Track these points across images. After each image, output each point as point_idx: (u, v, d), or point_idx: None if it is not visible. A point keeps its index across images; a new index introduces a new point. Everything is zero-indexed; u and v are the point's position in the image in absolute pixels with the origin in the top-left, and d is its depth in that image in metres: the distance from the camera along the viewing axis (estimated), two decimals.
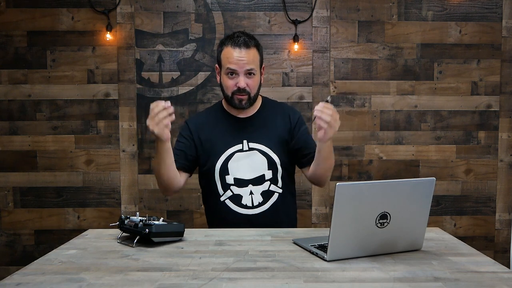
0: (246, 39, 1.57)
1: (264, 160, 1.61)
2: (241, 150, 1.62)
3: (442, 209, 2.66)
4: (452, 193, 2.66)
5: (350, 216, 1.15)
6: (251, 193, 1.61)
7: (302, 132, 1.68)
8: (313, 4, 2.57)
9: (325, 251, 1.18)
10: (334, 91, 2.61)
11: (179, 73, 2.59)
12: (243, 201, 1.61)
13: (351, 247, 1.18)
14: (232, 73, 1.57)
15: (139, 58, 2.58)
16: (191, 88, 2.59)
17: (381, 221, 1.18)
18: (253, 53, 1.57)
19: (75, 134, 2.60)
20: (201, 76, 2.58)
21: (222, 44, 1.61)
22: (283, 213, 1.67)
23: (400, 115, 2.63)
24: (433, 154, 2.65)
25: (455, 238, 1.43)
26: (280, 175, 1.65)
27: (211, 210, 1.71)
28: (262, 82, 1.67)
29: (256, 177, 1.61)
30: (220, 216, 1.65)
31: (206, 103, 2.58)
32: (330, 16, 2.59)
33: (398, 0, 2.59)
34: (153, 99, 2.58)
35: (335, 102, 2.61)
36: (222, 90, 1.63)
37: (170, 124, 1.41)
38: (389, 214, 1.18)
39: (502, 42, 2.62)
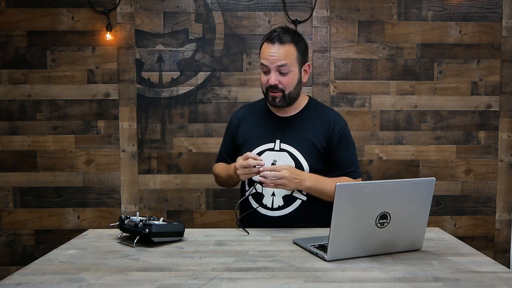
0: (281, 35, 1.54)
1: (292, 163, 1.56)
2: (272, 149, 1.59)
3: (442, 209, 2.66)
4: (452, 193, 2.66)
5: (350, 216, 1.15)
6: (273, 194, 1.58)
7: (340, 148, 1.62)
8: (313, 4, 2.57)
9: (325, 251, 1.18)
10: (334, 91, 2.61)
11: (179, 73, 2.59)
12: (264, 201, 1.59)
13: (351, 247, 1.19)
14: (266, 69, 1.56)
15: (139, 58, 2.58)
16: (191, 88, 2.59)
17: (381, 221, 1.18)
18: (287, 48, 1.53)
19: (75, 134, 2.60)
20: (201, 76, 2.58)
21: (262, 40, 1.60)
22: (306, 221, 1.59)
23: (400, 115, 2.63)
24: (433, 154, 2.65)
25: (455, 238, 1.43)
26: None
27: (241, 204, 1.68)
28: (304, 81, 1.63)
29: None
30: (244, 211, 1.63)
31: (206, 103, 2.58)
32: (330, 16, 2.59)
33: (398, 0, 2.59)
34: (153, 99, 2.59)
35: (335, 102, 2.62)
36: (260, 85, 1.64)
37: None
38: (389, 214, 1.18)
39: (502, 42, 2.62)
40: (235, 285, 1.01)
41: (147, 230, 1.29)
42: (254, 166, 1.45)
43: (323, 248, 1.23)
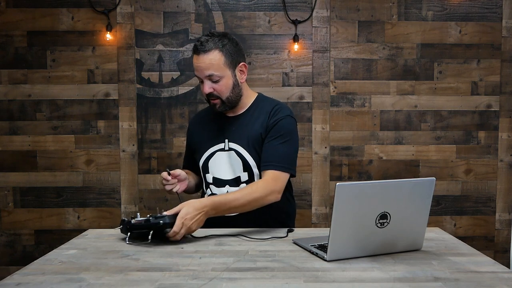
0: (204, 43, 1.50)
1: (239, 162, 1.57)
2: (223, 150, 1.60)
3: (442, 209, 2.66)
4: (452, 193, 2.66)
5: (350, 216, 1.15)
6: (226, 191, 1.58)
7: (269, 136, 1.56)
8: (313, 4, 2.57)
9: (325, 251, 1.18)
10: (334, 91, 2.61)
11: (179, 73, 2.59)
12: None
13: (351, 247, 1.18)
14: (200, 79, 1.56)
15: (139, 58, 2.58)
16: (191, 88, 2.59)
17: (381, 221, 1.18)
18: (212, 57, 1.50)
19: (75, 134, 2.60)
20: None
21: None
22: (266, 216, 1.57)
23: (400, 115, 2.63)
24: (433, 154, 2.65)
25: (455, 238, 1.43)
26: (257, 178, 1.58)
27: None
28: (242, 81, 1.59)
29: (233, 178, 1.58)
30: None
31: (206, 103, 2.55)
32: (330, 16, 2.59)
33: (398, 0, 2.59)
34: (153, 99, 2.59)
35: (334, 102, 2.61)
36: None
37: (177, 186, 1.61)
38: (389, 214, 1.18)
39: (502, 42, 2.62)
40: (235, 285, 1.01)
41: (161, 221, 1.28)
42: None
43: (323, 248, 1.23)
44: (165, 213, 1.32)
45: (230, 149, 1.59)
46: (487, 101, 2.64)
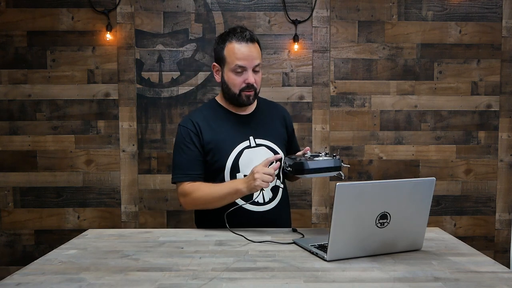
0: (251, 34, 1.56)
1: (272, 156, 1.59)
2: (249, 147, 1.60)
3: (442, 209, 2.66)
4: (452, 193, 2.66)
5: (350, 216, 1.15)
6: (262, 189, 1.53)
7: (293, 135, 1.81)
8: (313, 4, 2.57)
9: (325, 251, 1.18)
10: (334, 91, 2.61)
11: (179, 73, 2.59)
12: (254, 197, 1.55)
13: (351, 247, 1.19)
14: (242, 69, 1.53)
15: (139, 58, 2.58)
16: (191, 88, 2.59)
17: (381, 221, 1.18)
18: (257, 47, 1.57)
19: (75, 134, 2.60)
20: (201, 76, 2.58)
21: (225, 40, 1.56)
22: (286, 208, 1.71)
23: (400, 115, 2.63)
24: (433, 154, 2.65)
25: (455, 238, 1.43)
26: (281, 171, 1.67)
27: (216, 211, 1.59)
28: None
29: None
30: (231, 216, 1.50)
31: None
32: (330, 16, 2.59)
33: (398, 0, 2.59)
34: (153, 99, 2.59)
35: (334, 102, 2.62)
36: (227, 88, 1.58)
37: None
38: (389, 214, 1.18)
39: (502, 42, 2.62)
40: (235, 285, 1.01)
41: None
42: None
43: (323, 248, 1.23)
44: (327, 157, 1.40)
45: (258, 145, 1.61)
46: (487, 101, 2.64)
